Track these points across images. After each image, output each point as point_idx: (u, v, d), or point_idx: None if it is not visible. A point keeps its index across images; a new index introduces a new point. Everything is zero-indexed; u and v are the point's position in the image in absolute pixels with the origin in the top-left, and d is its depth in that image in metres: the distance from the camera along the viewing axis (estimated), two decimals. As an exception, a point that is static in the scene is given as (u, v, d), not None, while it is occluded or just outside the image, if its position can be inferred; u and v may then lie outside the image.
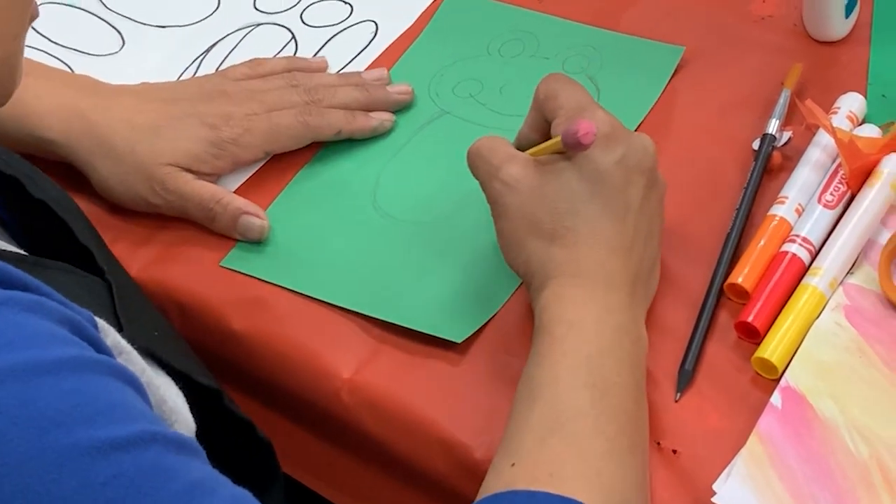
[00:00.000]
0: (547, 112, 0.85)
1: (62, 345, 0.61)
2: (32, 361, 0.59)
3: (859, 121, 0.94)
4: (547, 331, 0.79)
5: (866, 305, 0.85)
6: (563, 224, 0.81)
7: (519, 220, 0.82)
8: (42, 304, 0.62)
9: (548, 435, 0.74)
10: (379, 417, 0.86)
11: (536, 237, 0.82)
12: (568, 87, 0.85)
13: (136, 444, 0.59)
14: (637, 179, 0.82)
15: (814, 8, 1.00)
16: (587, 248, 0.81)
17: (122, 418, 0.60)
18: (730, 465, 0.78)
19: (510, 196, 0.83)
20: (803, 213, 0.88)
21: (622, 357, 0.78)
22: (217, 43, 1.08)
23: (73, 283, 0.75)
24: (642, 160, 0.82)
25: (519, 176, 0.82)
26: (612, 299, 0.80)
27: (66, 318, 0.63)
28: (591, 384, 0.76)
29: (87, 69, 1.03)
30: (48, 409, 0.58)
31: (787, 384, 0.81)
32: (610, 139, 0.81)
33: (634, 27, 1.03)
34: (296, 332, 0.89)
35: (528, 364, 0.79)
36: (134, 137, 0.94)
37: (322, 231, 0.94)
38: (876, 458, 0.78)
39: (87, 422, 0.59)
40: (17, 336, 0.60)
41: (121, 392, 0.62)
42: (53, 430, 0.58)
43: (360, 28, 1.07)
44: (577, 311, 0.79)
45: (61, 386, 0.59)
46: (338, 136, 0.98)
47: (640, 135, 0.83)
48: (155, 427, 0.62)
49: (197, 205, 0.93)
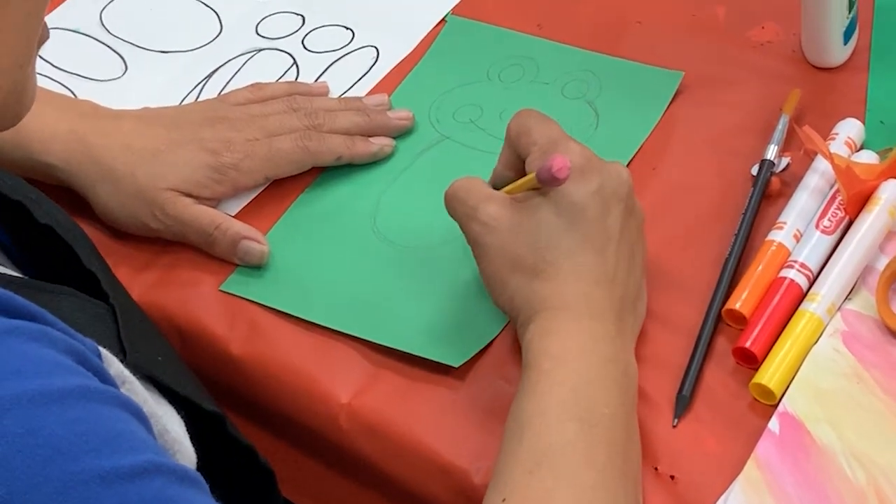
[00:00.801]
0: (520, 149, 0.85)
1: (67, 374, 0.61)
2: (38, 390, 0.59)
3: (857, 147, 0.94)
4: (534, 365, 0.79)
5: (864, 331, 0.85)
6: (545, 259, 0.81)
7: (500, 258, 0.82)
8: (47, 334, 0.62)
9: (536, 468, 0.74)
10: (377, 442, 0.86)
11: (519, 274, 0.82)
12: (540, 122, 0.85)
13: (140, 475, 0.59)
14: (615, 208, 0.82)
15: (812, 34, 1.00)
16: (570, 281, 0.81)
17: (126, 448, 0.60)
18: (727, 490, 0.78)
19: (489, 236, 0.83)
20: (801, 239, 0.88)
21: (610, 387, 0.78)
22: (219, 68, 1.08)
23: (77, 308, 0.75)
24: (618, 189, 0.82)
25: (496, 215, 0.83)
26: (597, 329, 0.80)
27: (70, 347, 0.63)
28: (578, 417, 0.76)
29: (90, 94, 1.04)
30: (53, 438, 0.58)
31: (785, 410, 0.81)
32: (584, 171, 0.82)
33: (633, 53, 1.04)
34: (295, 356, 0.89)
35: (516, 399, 0.79)
36: (134, 162, 0.94)
37: (322, 256, 0.94)
38: (873, 484, 0.78)
39: (92, 451, 0.59)
40: (22, 365, 0.60)
41: (125, 422, 0.62)
42: (58, 459, 0.58)
43: (362, 53, 1.08)
44: (563, 343, 0.79)
45: (67, 415, 0.59)
46: (338, 162, 0.98)
47: (614, 164, 0.84)
48: (160, 458, 0.62)
49: (196, 230, 0.94)
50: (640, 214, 0.85)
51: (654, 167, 0.96)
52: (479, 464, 0.83)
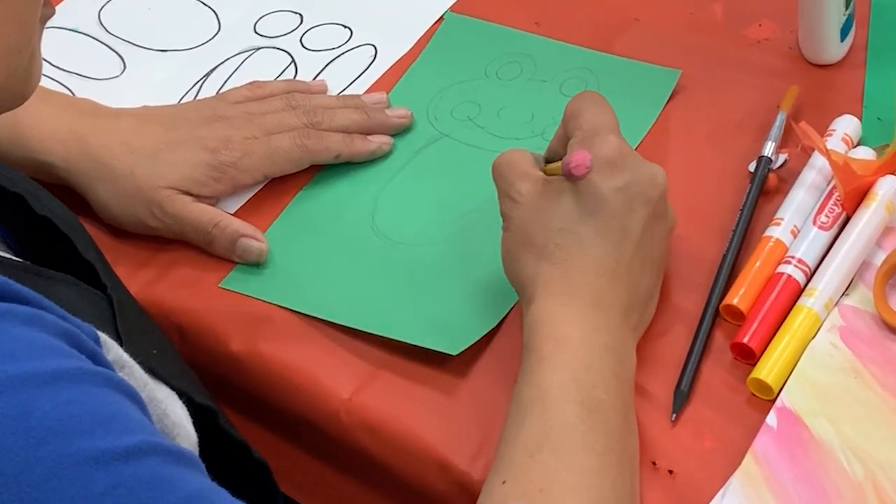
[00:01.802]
0: (569, 130, 0.86)
1: (60, 357, 0.62)
2: (30, 373, 0.59)
3: (854, 143, 0.94)
4: (535, 348, 0.79)
5: (861, 327, 0.85)
6: (554, 241, 0.82)
7: (517, 232, 0.84)
8: (40, 317, 0.63)
9: (536, 450, 0.75)
10: (377, 438, 0.86)
11: (528, 251, 0.83)
12: (592, 107, 0.86)
13: (135, 455, 0.60)
14: (640, 208, 0.82)
15: (810, 31, 1.00)
16: (576, 268, 0.81)
17: (120, 429, 0.61)
18: (725, 485, 0.78)
19: (515, 210, 0.84)
20: (798, 235, 0.89)
21: (609, 375, 0.78)
22: (217, 67, 1.08)
23: (75, 295, 0.76)
24: (648, 190, 0.83)
25: (525, 192, 0.84)
26: (599, 319, 0.80)
27: (64, 330, 0.63)
28: (578, 400, 0.76)
29: (88, 93, 1.04)
30: (46, 420, 0.59)
31: (783, 405, 0.81)
32: (615, 166, 0.82)
33: (631, 51, 1.04)
34: (295, 353, 0.90)
35: (517, 383, 0.79)
36: (133, 161, 0.94)
37: (320, 253, 0.94)
38: (871, 478, 0.78)
39: (85, 432, 0.59)
40: (14, 348, 0.60)
41: (119, 404, 0.62)
42: (51, 440, 0.58)
43: (360, 52, 1.08)
44: (565, 328, 0.80)
45: (59, 396, 0.60)
46: (336, 160, 0.98)
47: (652, 165, 0.84)
48: (154, 438, 0.62)
49: (195, 228, 0.94)
50: (670, 220, 0.85)
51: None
52: (478, 459, 0.83)
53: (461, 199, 0.96)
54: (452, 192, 0.96)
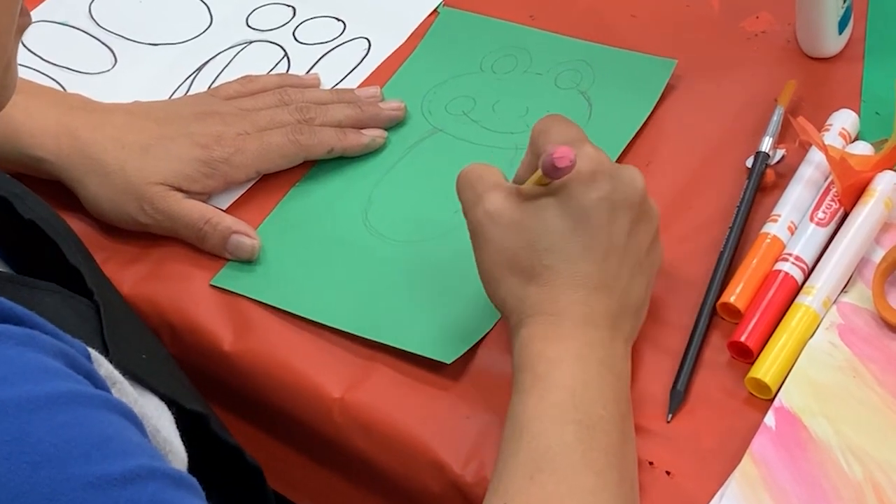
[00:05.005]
0: (538, 147, 0.84)
1: (56, 379, 0.61)
2: (25, 396, 0.59)
3: (852, 138, 0.94)
4: (528, 368, 0.78)
5: (860, 324, 0.84)
6: (542, 262, 0.80)
7: (498, 254, 0.81)
8: (35, 338, 0.62)
9: (536, 472, 0.74)
10: (370, 437, 0.86)
11: (513, 274, 0.81)
12: (560, 123, 0.84)
13: (132, 480, 0.59)
14: (623, 215, 0.81)
15: (807, 24, 0.99)
16: (566, 288, 0.80)
17: (118, 453, 0.60)
18: (723, 486, 0.78)
19: (490, 228, 0.81)
20: (796, 232, 0.88)
21: (606, 390, 0.77)
22: (209, 61, 1.07)
23: (61, 304, 0.75)
24: (629, 195, 0.81)
25: (500, 207, 0.81)
26: (593, 336, 0.79)
27: (59, 350, 0.63)
28: (576, 420, 0.75)
29: (79, 87, 1.03)
30: (41, 444, 0.58)
31: (781, 404, 0.81)
32: (595, 175, 0.80)
33: (627, 43, 1.03)
34: (287, 351, 0.89)
35: (512, 402, 0.78)
36: (124, 156, 0.93)
37: (313, 250, 0.94)
38: (870, 478, 0.77)
39: (81, 457, 0.58)
40: (9, 371, 0.59)
41: (117, 426, 0.62)
42: (46, 466, 0.57)
43: (353, 45, 1.07)
44: (558, 347, 0.78)
45: (55, 420, 0.59)
46: (330, 154, 0.98)
47: (627, 168, 0.82)
48: (153, 463, 0.61)
49: (186, 225, 0.93)
50: (654, 218, 0.83)
51: (648, 161, 0.95)
52: (472, 460, 0.82)
53: (455, 194, 0.95)
54: (446, 188, 0.95)
